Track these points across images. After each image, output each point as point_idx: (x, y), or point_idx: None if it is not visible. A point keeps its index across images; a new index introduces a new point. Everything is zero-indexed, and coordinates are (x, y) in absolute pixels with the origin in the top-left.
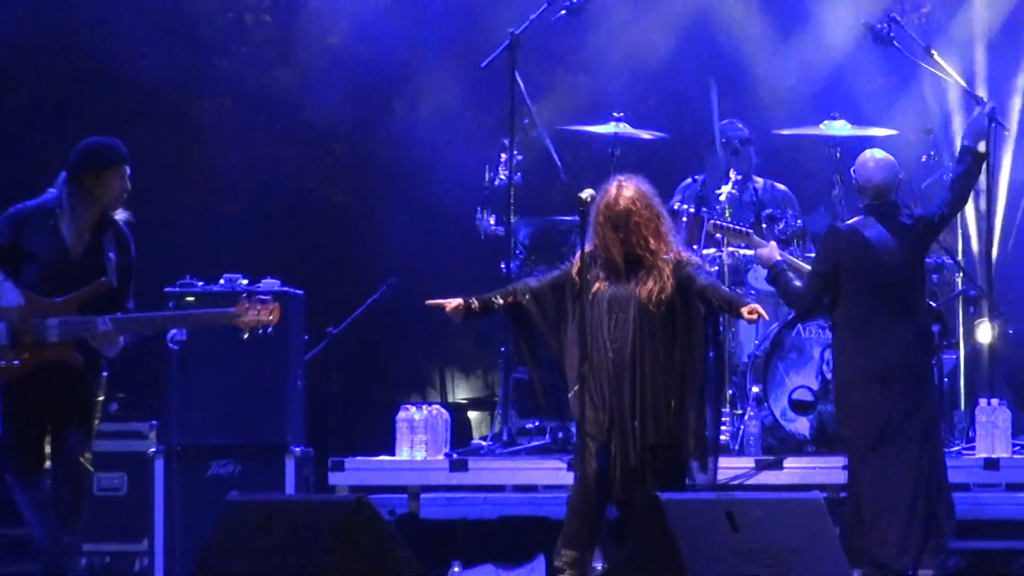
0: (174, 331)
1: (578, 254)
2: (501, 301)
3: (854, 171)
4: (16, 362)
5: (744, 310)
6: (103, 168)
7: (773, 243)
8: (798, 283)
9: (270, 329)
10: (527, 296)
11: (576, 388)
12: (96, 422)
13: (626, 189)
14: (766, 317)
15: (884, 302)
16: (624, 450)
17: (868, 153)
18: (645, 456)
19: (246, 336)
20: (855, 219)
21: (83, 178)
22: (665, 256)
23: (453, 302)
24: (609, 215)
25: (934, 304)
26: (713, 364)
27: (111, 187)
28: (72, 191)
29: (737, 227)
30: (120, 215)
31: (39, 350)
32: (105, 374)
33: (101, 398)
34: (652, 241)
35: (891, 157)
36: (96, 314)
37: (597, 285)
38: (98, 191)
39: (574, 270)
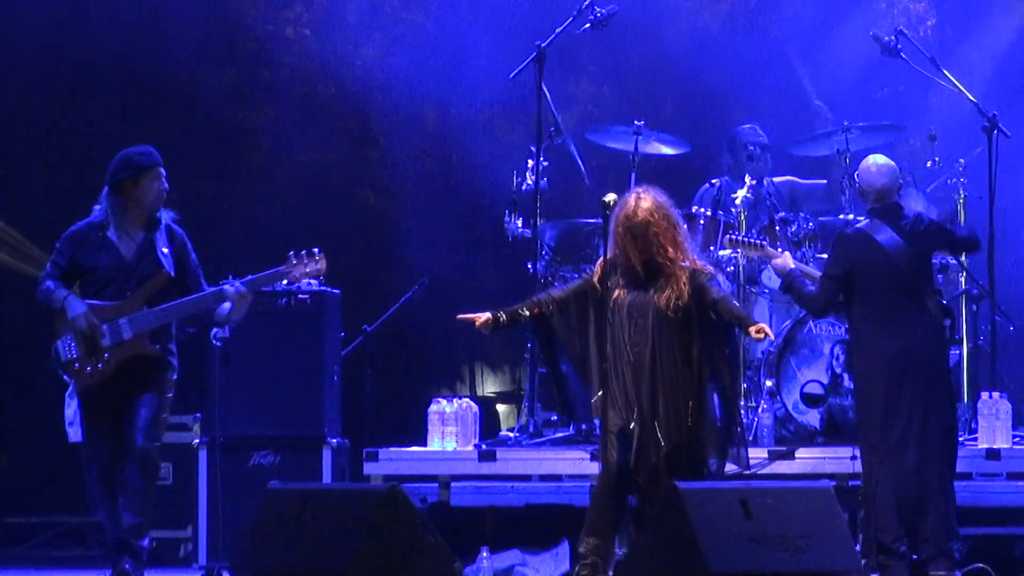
0: (217, 328)
1: (599, 261)
2: (527, 313)
3: (857, 176)
4: (100, 366)
5: (752, 329)
6: (139, 173)
7: (787, 253)
8: (811, 287)
9: (320, 279)
10: (551, 307)
11: (600, 391)
12: (165, 414)
13: (644, 201)
14: (771, 336)
15: (897, 298)
16: (645, 448)
17: (870, 159)
18: (661, 472)
19: (296, 287)
20: (862, 223)
21: (122, 186)
22: (682, 264)
23: (482, 316)
24: (629, 226)
25: (943, 300)
26: (729, 363)
27: (149, 190)
28: (114, 201)
29: (751, 240)
30: (167, 216)
31: (117, 349)
32: (175, 369)
33: (170, 394)
34: (670, 250)
35: (892, 162)
36: (161, 303)
37: (617, 292)
38: (138, 195)
39: (595, 277)
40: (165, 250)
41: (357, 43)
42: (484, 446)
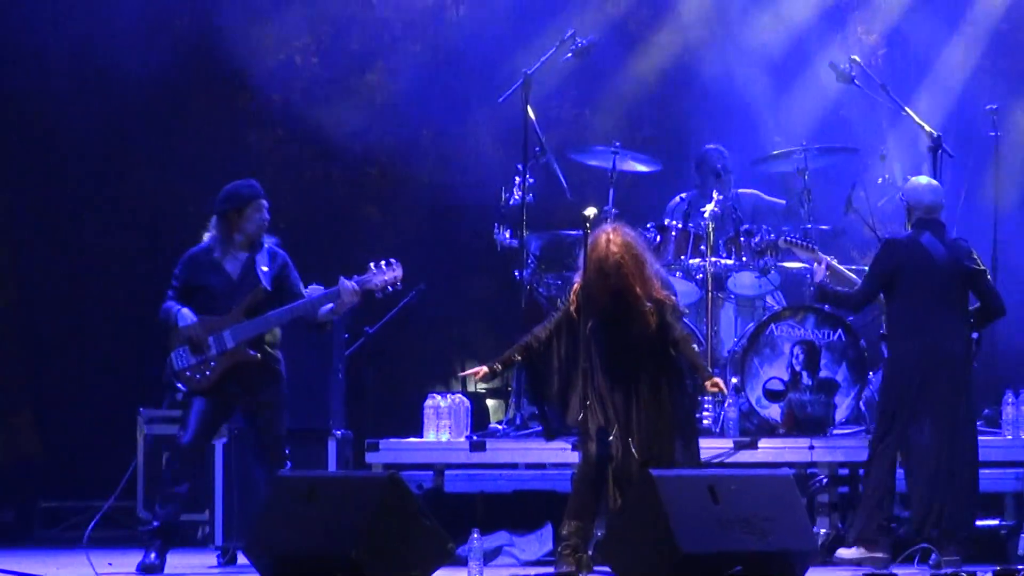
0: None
1: (573, 289)
2: (519, 357)
3: (904, 194)
4: (207, 373)
5: (707, 383)
6: (243, 205)
7: (824, 263)
8: (843, 289)
9: (399, 285)
10: (537, 344)
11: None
12: (283, 413)
13: (613, 244)
14: (725, 392)
15: (936, 300)
16: (624, 462)
17: (918, 179)
18: (634, 465)
19: (380, 296)
20: (909, 231)
21: (228, 215)
22: (648, 299)
23: (481, 371)
24: (600, 266)
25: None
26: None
27: (251, 219)
28: (221, 227)
29: (805, 243)
30: (270, 240)
31: (221, 358)
32: (282, 377)
33: (285, 404)
34: (638, 288)
35: (936, 182)
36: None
37: (591, 322)
38: (241, 223)
39: (572, 307)
40: (265, 268)
41: (362, 71)
42: (475, 437)
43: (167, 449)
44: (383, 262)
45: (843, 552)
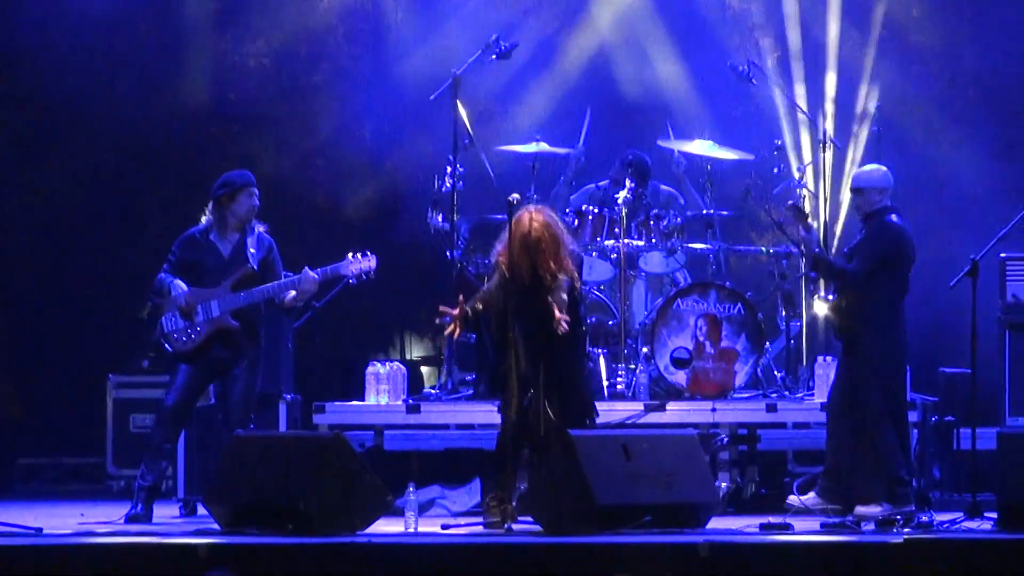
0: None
1: (500, 259)
2: (480, 306)
3: (864, 182)
4: (192, 336)
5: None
6: (235, 191)
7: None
8: (837, 261)
9: (372, 274)
10: (488, 300)
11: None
12: (254, 381)
13: (535, 221)
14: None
15: (908, 285)
16: (536, 422)
17: (871, 167)
18: (551, 425)
19: (353, 282)
20: (896, 217)
21: (221, 200)
22: (563, 276)
23: (458, 311)
24: (523, 242)
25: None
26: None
27: (242, 204)
28: (216, 211)
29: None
30: (260, 226)
31: (206, 324)
32: (260, 348)
33: (259, 368)
34: (553, 265)
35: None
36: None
37: (514, 294)
38: (233, 207)
39: (505, 270)
40: (253, 250)
41: (309, 73)
42: (411, 401)
43: (133, 411)
44: (359, 253)
45: (797, 499)
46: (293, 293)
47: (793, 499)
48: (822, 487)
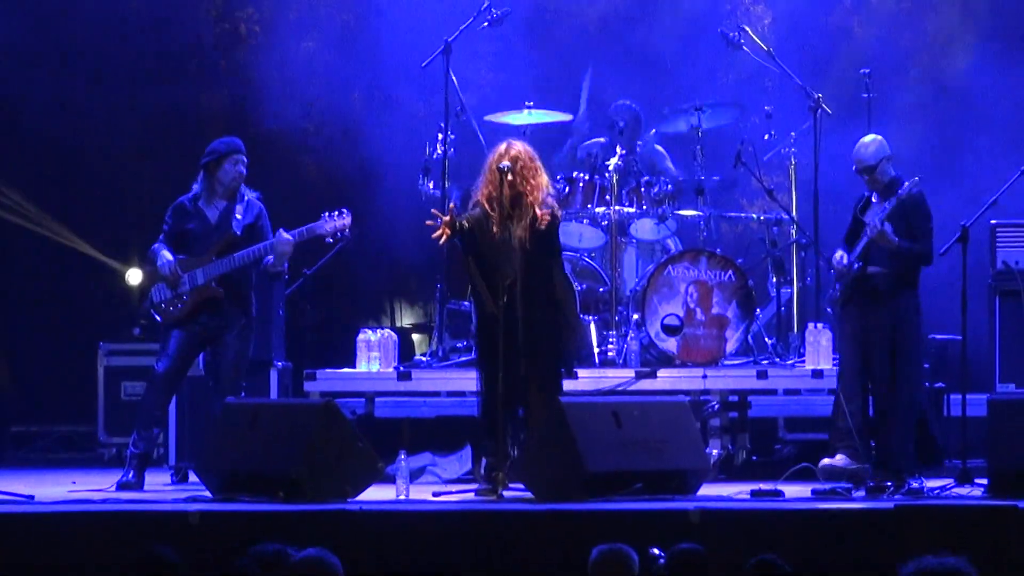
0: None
1: (478, 198)
2: (467, 225)
3: (872, 157)
4: (179, 306)
5: None
6: (221, 158)
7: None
8: (905, 243)
9: (348, 233)
10: (468, 225)
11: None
12: (245, 349)
13: (514, 146)
14: None
15: None
16: (515, 361)
17: (867, 140)
18: (529, 365)
19: (330, 241)
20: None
21: (208, 167)
22: (542, 202)
23: (447, 218)
24: (502, 159)
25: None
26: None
27: (228, 171)
28: (204, 178)
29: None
30: (251, 193)
31: (192, 292)
32: (250, 315)
33: (251, 334)
34: (531, 184)
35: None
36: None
37: (490, 227)
38: (219, 174)
39: (483, 207)
40: (239, 216)
41: (299, 39)
42: (402, 368)
43: (124, 379)
44: (335, 212)
45: (829, 461)
46: (271, 258)
47: (827, 461)
48: (850, 448)
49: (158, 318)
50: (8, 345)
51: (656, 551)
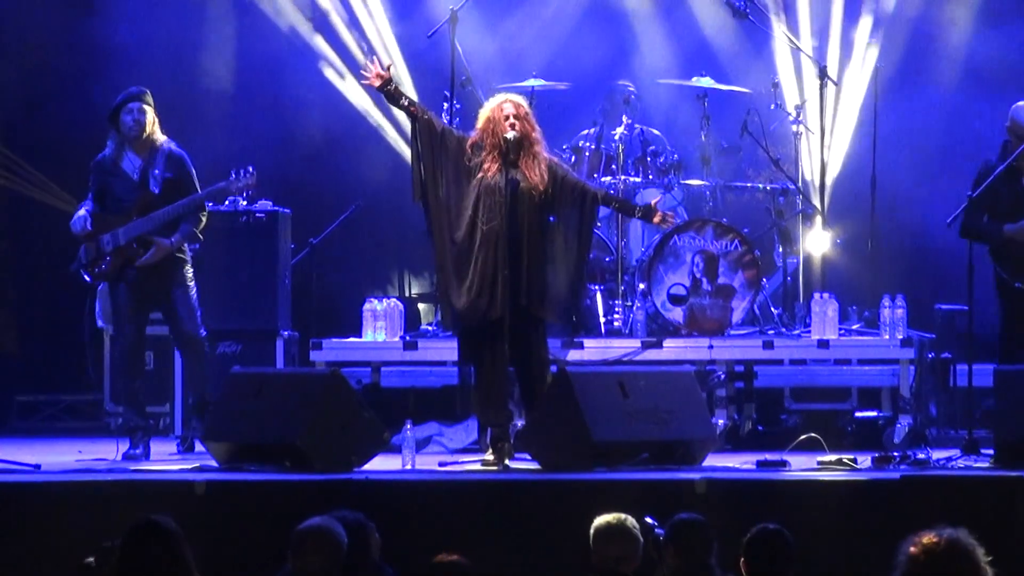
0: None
1: (471, 138)
2: (405, 103)
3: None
4: (104, 267)
5: (656, 219)
6: (116, 111)
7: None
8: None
9: (252, 191)
10: (425, 117)
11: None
12: (190, 298)
13: (511, 97)
14: (671, 219)
15: None
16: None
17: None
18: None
19: (235, 199)
20: None
21: (111, 121)
22: (544, 149)
23: (382, 73)
24: (500, 106)
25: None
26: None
27: (124, 121)
28: (113, 134)
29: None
30: (169, 143)
31: (115, 252)
32: (188, 264)
33: (193, 283)
34: (533, 131)
35: None
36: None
37: (486, 167)
38: (120, 128)
39: (468, 142)
40: (156, 171)
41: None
42: (408, 337)
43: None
44: (241, 170)
45: None
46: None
47: None
48: None
49: (87, 277)
50: (15, 314)
51: (650, 520)
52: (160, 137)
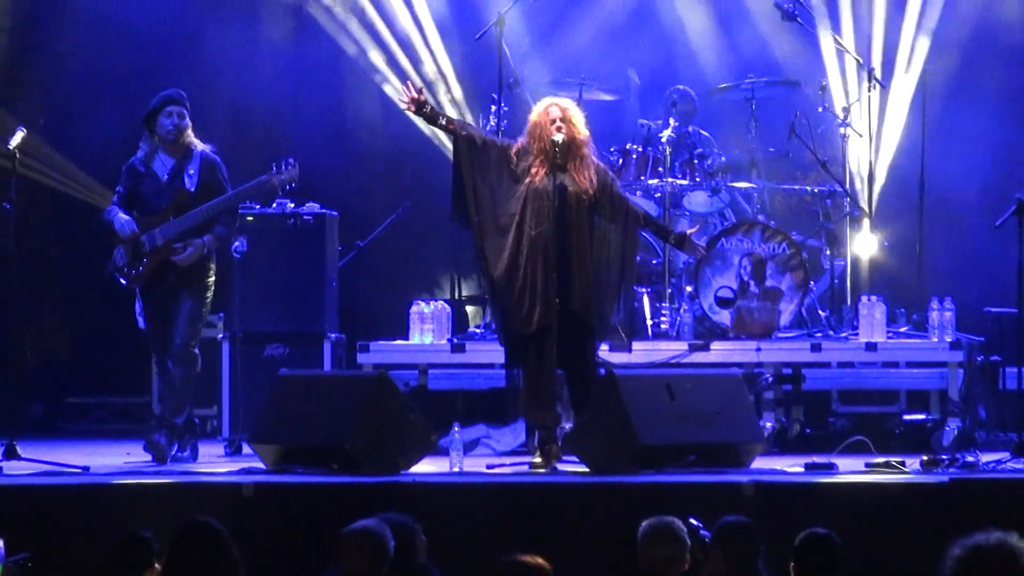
0: (237, 243)
1: (516, 146)
2: (444, 122)
3: None
4: (140, 268)
5: (687, 246)
6: (153, 113)
7: None
8: None
9: (295, 184)
10: (464, 133)
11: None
12: (205, 309)
13: (560, 100)
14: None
15: None
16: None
17: None
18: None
19: (281, 193)
20: None
21: (147, 123)
22: (593, 154)
23: (418, 96)
24: (547, 109)
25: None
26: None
27: (162, 125)
28: (147, 136)
29: None
30: (205, 146)
31: (152, 254)
32: (212, 271)
33: (209, 292)
34: (580, 134)
35: None
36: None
37: (534, 172)
38: (156, 129)
39: (513, 150)
40: (192, 171)
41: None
42: (455, 340)
43: None
44: (283, 163)
45: None
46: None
47: None
48: None
49: (123, 281)
50: (66, 317)
51: (694, 521)
52: (195, 142)
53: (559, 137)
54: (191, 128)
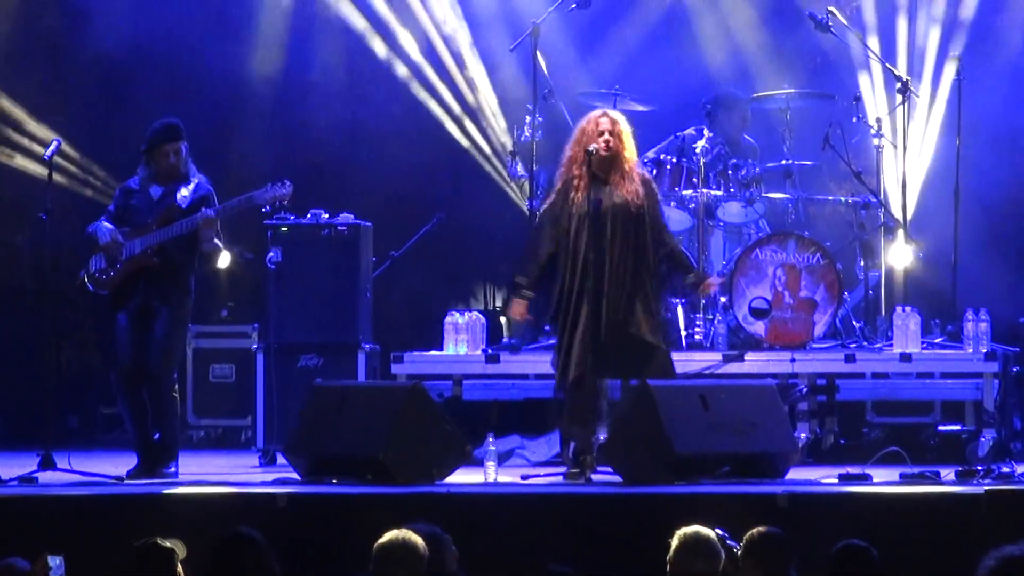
0: (271, 254)
1: (559, 186)
2: (538, 273)
3: None
4: (112, 274)
5: (701, 287)
6: (151, 148)
7: None
8: None
9: (287, 202)
10: (552, 247)
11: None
12: (181, 330)
13: (608, 113)
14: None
15: None
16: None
17: None
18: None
19: (266, 210)
20: None
21: (145, 153)
22: (637, 167)
23: (521, 308)
24: (597, 120)
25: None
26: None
27: (160, 161)
28: (144, 162)
29: None
30: (199, 176)
31: (128, 261)
32: (189, 293)
33: (187, 312)
34: (626, 150)
35: None
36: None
37: (574, 195)
38: (154, 162)
39: (559, 180)
40: (185, 193)
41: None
42: (490, 351)
43: (212, 361)
44: (277, 182)
45: None
46: (206, 243)
47: None
48: None
49: (90, 287)
50: (99, 328)
51: (720, 531)
52: (191, 171)
53: (593, 147)
54: (190, 159)
